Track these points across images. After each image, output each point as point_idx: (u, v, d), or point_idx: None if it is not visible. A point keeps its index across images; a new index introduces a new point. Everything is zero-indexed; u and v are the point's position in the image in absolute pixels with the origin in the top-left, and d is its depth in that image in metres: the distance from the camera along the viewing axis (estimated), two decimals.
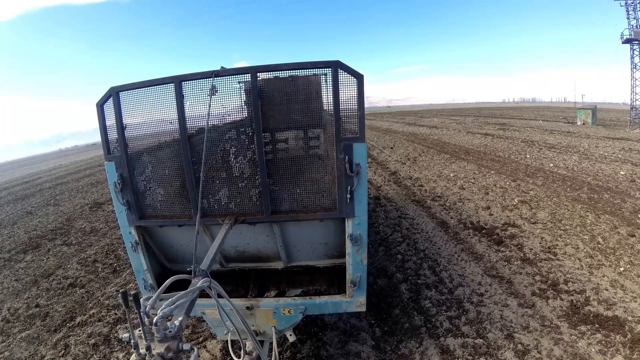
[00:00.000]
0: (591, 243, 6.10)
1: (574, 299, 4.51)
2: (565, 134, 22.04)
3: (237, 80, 2.70)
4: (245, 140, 2.70)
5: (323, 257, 3.26)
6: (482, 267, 5.35)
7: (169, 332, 1.56)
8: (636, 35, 25.58)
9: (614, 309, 4.30)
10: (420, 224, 7.44)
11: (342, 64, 2.45)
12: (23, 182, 25.09)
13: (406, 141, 22.63)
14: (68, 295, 5.86)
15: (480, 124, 33.32)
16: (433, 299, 4.56)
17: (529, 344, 3.72)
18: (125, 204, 2.86)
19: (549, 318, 4.14)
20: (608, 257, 5.61)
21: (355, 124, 2.56)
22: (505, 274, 5.11)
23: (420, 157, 16.18)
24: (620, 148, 15.64)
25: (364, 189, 2.69)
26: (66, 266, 7.11)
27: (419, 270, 5.31)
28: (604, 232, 6.55)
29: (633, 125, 25.01)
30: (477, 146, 18.08)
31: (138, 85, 2.69)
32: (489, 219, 7.36)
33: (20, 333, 5.08)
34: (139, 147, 2.85)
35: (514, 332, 3.90)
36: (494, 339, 3.78)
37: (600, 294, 4.63)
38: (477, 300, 4.48)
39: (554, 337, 3.82)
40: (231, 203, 2.79)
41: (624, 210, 7.72)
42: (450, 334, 3.88)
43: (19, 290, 6.49)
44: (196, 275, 2.06)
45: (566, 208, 7.87)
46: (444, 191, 9.95)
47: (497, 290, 4.69)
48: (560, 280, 4.90)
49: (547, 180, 10.44)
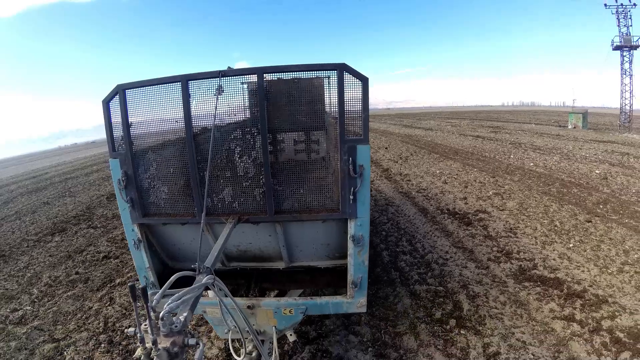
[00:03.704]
0: (549, 226, 7.13)
1: (523, 264, 5.56)
2: (554, 137, 22.91)
3: (242, 81, 2.71)
4: (250, 140, 2.72)
5: (325, 257, 3.26)
6: (450, 241, 6.44)
7: (175, 327, 1.57)
8: (626, 42, 26.67)
9: (556, 273, 5.32)
10: (404, 210, 8.55)
11: (347, 67, 2.46)
12: (30, 177, 25.88)
13: (401, 142, 23.74)
14: (104, 265, 6.88)
15: (474, 127, 34.13)
16: (407, 261, 5.66)
17: (479, 292, 4.78)
18: (128, 201, 2.88)
19: (499, 276, 5.20)
20: (561, 236, 6.64)
21: (360, 126, 2.58)
22: (469, 246, 6.19)
23: (411, 156, 17.27)
24: (603, 150, 16.35)
25: (367, 190, 2.70)
26: (96, 244, 8.13)
27: (399, 242, 6.41)
28: (563, 218, 7.57)
29: (622, 128, 25.91)
30: (466, 147, 19.13)
31: (144, 84, 2.70)
32: (464, 207, 8.45)
33: (64, 293, 6.06)
34: (143, 145, 2.86)
35: (468, 284, 4.97)
36: (452, 288, 4.86)
37: (547, 262, 5.66)
38: (442, 262, 5.57)
39: (501, 289, 4.88)
40: (235, 202, 2.81)
41: (588, 202, 8.68)
42: (418, 283, 4.98)
43: (55, 263, 7.48)
44: (200, 272, 2.09)
45: (534, 199, 8.91)
46: (429, 185, 11.04)
47: (460, 257, 5.77)
48: (514, 251, 5.95)
49: (524, 177, 11.46)
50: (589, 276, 5.20)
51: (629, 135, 23.19)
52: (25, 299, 6.01)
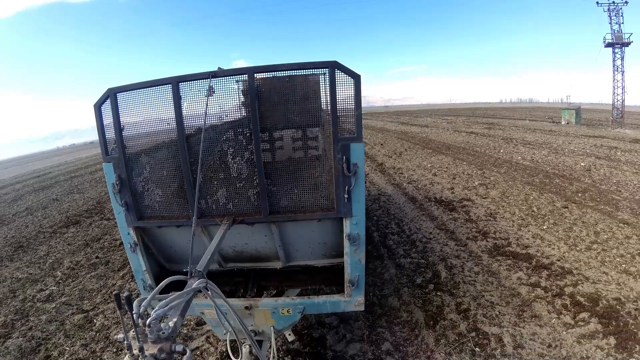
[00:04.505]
0: (527, 211, 7.79)
1: (498, 242, 6.23)
2: (546, 132, 23.31)
3: (235, 81, 2.70)
4: (242, 141, 2.70)
5: (321, 256, 3.27)
6: (434, 223, 7.14)
7: (163, 333, 1.56)
8: (617, 40, 27.33)
9: (527, 250, 5.97)
10: (394, 198, 9.26)
11: (339, 64, 2.45)
12: (34, 177, 26.36)
13: (396, 139, 24.43)
14: (122, 250, 7.52)
15: (470, 124, 34.41)
16: (395, 240, 6.37)
17: (456, 264, 5.46)
18: (123, 205, 2.87)
19: (475, 252, 5.88)
20: (537, 220, 7.29)
21: (353, 124, 2.56)
22: (450, 227, 6.89)
23: (406, 152, 17.96)
24: (592, 144, 16.68)
25: (362, 188, 2.69)
26: (112, 233, 8.78)
27: (388, 225, 7.12)
28: (541, 204, 8.20)
29: (615, 124, 26.46)
30: (459, 143, 19.78)
31: (136, 87, 2.68)
32: (450, 196, 9.15)
33: (87, 274, 6.71)
34: (136, 148, 2.85)
35: (447, 258, 5.66)
36: (432, 261, 5.56)
37: (520, 240, 6.32)
38: (425, 241, 6.28)
39: (476, 262, 5.56)
40: (229, 203, 2.80)
41: (567, 191, 9.25)
42: (403, 257, 5.69)
43: (74, 250, 8.13)
44: (192, 276, 2.07)
45: (517, 189, 9.55)
46: (419, 177, 11.74)
47: (442, 236, 6.47)
48: (491, 232, 6.64)
49: (510, 169, 12.09)
50: (558, 252, 5.83)
51: (621, 130, 23.55)
52: (50, 281, 6.65)
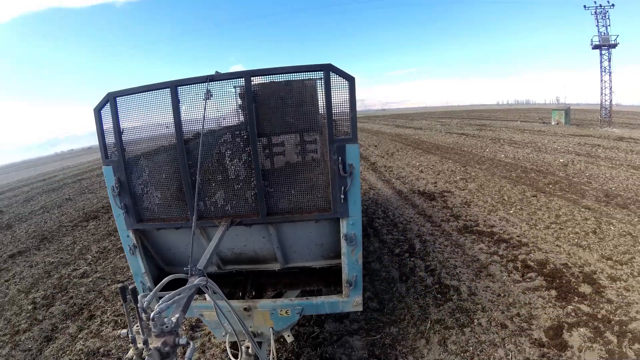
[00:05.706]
0: (498, 200, 8.85)
1: (467, 223, 7.32)
2: (535, 132, 24.27)
3: (232, 85, 2.72)
4: (240, 144, 2.74)
5: (319, 257, 3.29)
6: (415, 210, 8.27)
7: (166, 327, 1.60)
8: (604, 42, 28.46)
9: (492, 229, 7.03)
10: (383, 192, 10.41)
11: (333, 67, 2.49)
12: (41, 180, 27.12)
13: (390, 140, 25.61)
14: None
15: (463, 125, 35.35)
16: (380, 223, 7.49)
17: (429, 239, 6.56)
18: (123, 208, 2.91)
19: (447, 230, 6.97)
20: (505, 206, 8.33)
21: (348, 126, 2.61)
22: (429, 213, 8.01)
23: (397, 152, 19.12)
24: (576, 143, 17.35)
25: (358, 189, 2.72)
26: None
27: (375, 212, 8.25)
28: (512, 194, 9.22)
29: (603, 123, 27.51)
30: (449, 144, 20.89)
31: (135, 91, 2.72)
32: (433, 189, 10.28)
33: (116, 256, 7.70)
34: (136, 152, 2.88)
35: (422, 234, 6.76)
36: (410, 237, 6.67)
37: (487, 222, 7.39)
38: (405, 223, 7.39)
39: (446, 237, 6.65)
40: (227, 205, 2.84)
41: (540, 183, 10.19)
42: (386, 235, 6.80)
43: (99, 239, 9.13)
44: (192, 274, 2.13)
45: (493, 182, 10.62)
46: (407, 174, 12.86)
47: (420, 220, 7.58)
48: (462, 215, 7.74)
49: (492, 166, 13.13)
50: (519, 230, 6.87)
51: (609, 129, 24.51)
52: (82, 263, 7.67)
